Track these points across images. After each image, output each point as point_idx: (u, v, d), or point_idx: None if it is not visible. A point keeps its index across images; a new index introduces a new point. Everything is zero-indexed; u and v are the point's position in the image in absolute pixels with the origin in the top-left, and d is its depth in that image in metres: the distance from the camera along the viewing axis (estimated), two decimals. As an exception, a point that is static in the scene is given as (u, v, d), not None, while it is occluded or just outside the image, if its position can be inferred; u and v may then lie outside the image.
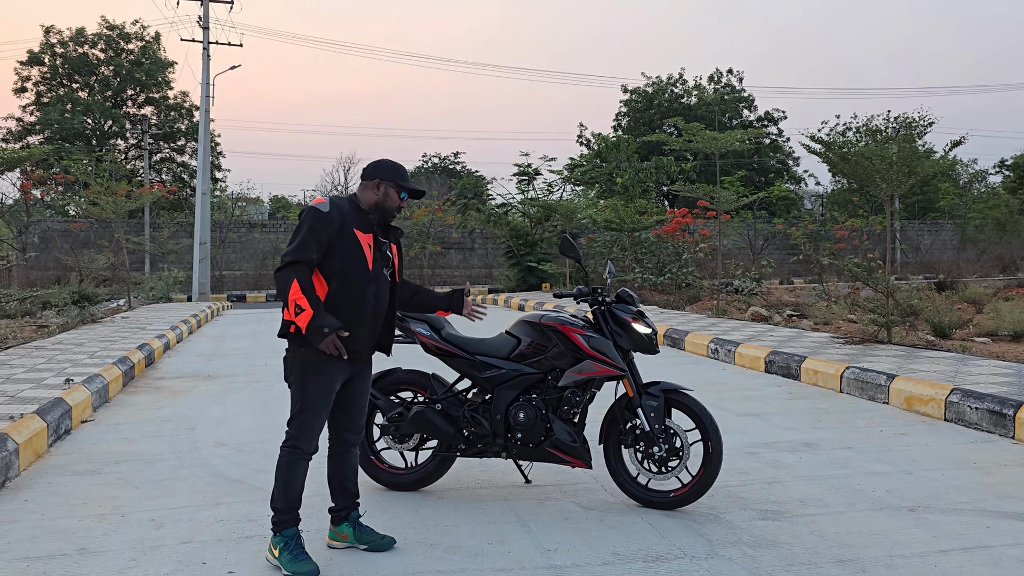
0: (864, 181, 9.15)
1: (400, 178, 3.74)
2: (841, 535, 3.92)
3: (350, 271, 3.56)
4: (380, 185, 3.72)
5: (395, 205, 3.74)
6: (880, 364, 7.86)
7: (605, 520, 4.14)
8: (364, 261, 3.59)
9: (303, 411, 3.60)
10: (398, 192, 3.74)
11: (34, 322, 12.73)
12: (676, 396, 4.33)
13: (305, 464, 3.63)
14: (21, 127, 38.33)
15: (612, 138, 30.79)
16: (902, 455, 5.41)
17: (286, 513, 3.57)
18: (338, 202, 3.63)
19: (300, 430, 3.60)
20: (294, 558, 3.47)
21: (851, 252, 25.79)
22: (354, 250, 3.57)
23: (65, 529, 4.04)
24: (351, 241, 3.57)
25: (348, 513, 3.81)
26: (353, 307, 3.58)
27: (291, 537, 3.53)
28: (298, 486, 3.60)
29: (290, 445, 3.61)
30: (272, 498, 3.61)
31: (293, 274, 3.44)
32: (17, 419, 5.47)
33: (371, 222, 3.68)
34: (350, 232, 3.57)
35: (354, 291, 3.57)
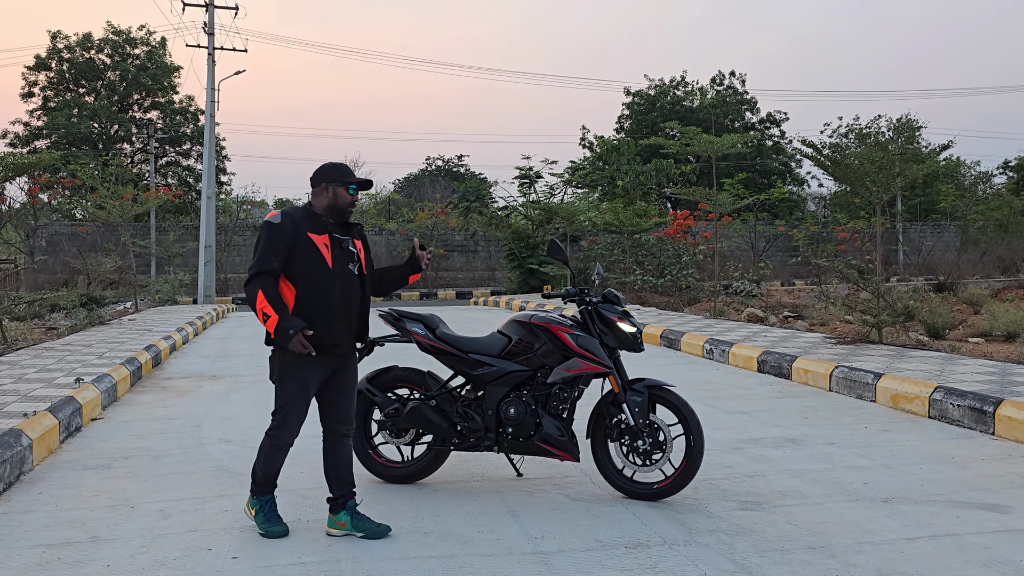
0: (854, 184, 9.33)
1: (344, 175, 4.00)
2: (815, 524, 4.11)
3: (312, 271, 3.86)
4: (328, 187, 3.98)
5: (347, 202, 3.99)
6: (869, 363, 8.05)
7: (591, 510, 4.33)
8: (323, 260, 3.88)
9: (283, 407, 3.98)
10: (346, 188, 3.98)
11: (43, 324, 12.97)
12: (660, 392, 4.53)
13: (284, 451, 4.05)
14: (28, 131, 38.67)
15: (613, 141, 30.98)
16: (883, 450, 5.60)
17: (263, 484, 4.05)
18: (290, 212, 3.94)
19: (281, 423, 3.99)
20: (267, 519, 3.98)
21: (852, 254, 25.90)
22: (311, 252, 3.87)
23: (78, 519, 4.26)
24: (307, 244, 3.86)
25: (345, 502, 4.04)
26: (322, 304, 3.88)
27: (266, 502, 4.03)
28: (276, 467, 4.06)
29: (272, 435, 4.02)
30: (253, 469, 4.07)
31: (258, 285, 3.80)
32: (31, 416, 5.69)
33: (324, 224, 3.94)
34: (304, 236, 3.86)
35: (319, 289, 3.87)
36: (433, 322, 4.87)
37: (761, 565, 3.59)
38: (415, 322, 4.86)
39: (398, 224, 31.57)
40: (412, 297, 27.36)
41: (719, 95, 45.43)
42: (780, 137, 45.50)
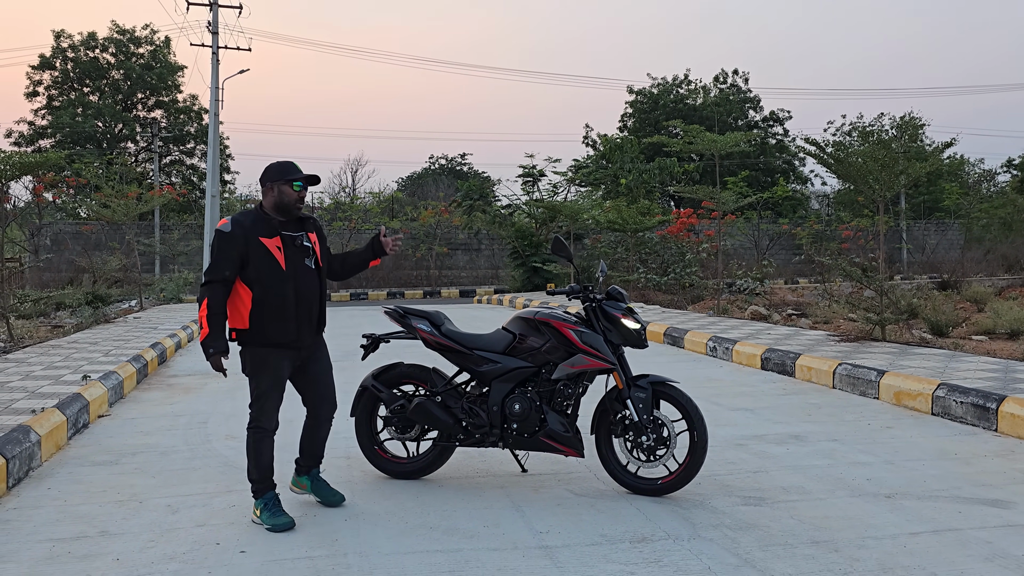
0: (857, 182, 9.35)
1: (287, 173, 4.10)
2: (818, 519, 4.14)
3: (265, 276, 4.02)
4: (273, 187, 4.10)
5: (292, 199, 4.10)
6: (872, 361, 8.07)
7: (595, 505, 4.37)
8: (276, 263, 4.04)
9: (259, 397, 4.15)
10: (290, 186, 4.08)
11: (48, 322, 13.04)
12: (663, 388, 4.56)
13: (270, 440, 4.18)
14: (33, 131, 38.79)
15: (617, 139, 30.98)
16: (886, 447, 5.62)
17: (261, 482, 4.14)
18: (240, 219, 4.07)
19: (259, 413, 4.15)
20: (272, 514, 4.05)
21: (856, 252, 25.90)
22: (263, 257, 4.02)
23: (87, 514, 4.30)
24: (258, 249, 4.01)
25: (309, 469, 4.43)
26: (278, 306, 4.05)
27: (269, 499, 4.11)
28: (267, 459, 4.16)
29: (253, 426, 4.16)
30: (248, 472, 4.17)
31: (205, 294, 4.01)
32: (39, 412, 5.74)
33: (274, 226, 4.08)
34: (255, 241, 4.01)
35: (274, 292, 4.04)
36: (438, 319, 4.90)
37: (764, 559, 3.62)
38: (420, 319, 4.90)
39: (401, 223, 31.61)
40: (416, 295, 27.40)
41: (722, 93, 45.40)
42: (783, 135, 45.47)
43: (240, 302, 4.06)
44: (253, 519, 4.13)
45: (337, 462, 5.28)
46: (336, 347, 10.99)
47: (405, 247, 30.40)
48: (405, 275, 30.56)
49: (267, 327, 4.04)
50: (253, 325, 4.03)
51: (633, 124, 44.87)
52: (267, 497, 4.10)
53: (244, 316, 4.05)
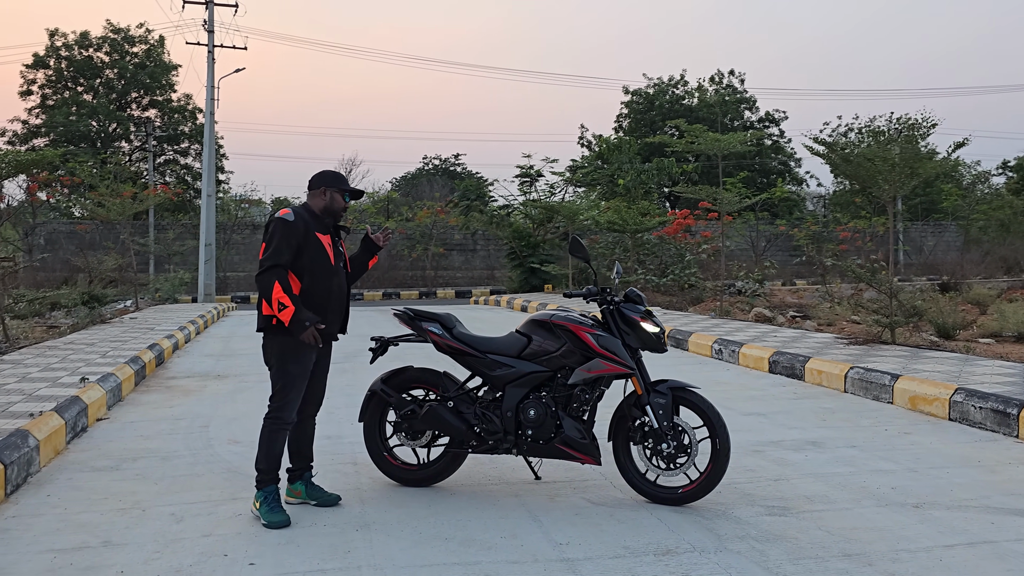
0: (867, 182, 9.23)
1: (341, 183, 4.36)
2: (847, 530, 4.00)
3: (317, 268, 4.21)
4: (326, 191, 4.32)
5: (340, 207, 4.35)
6: (884, 364, 7.94)
7: (615, 515, 4.22)
8: (327, 258, 4.25)
9: (285, 387, 4.19)
10: (342, 195, 4.33)
11: (44, 323, 12.84)
12: (684, 394, 4.42)
13: (285, 432, 4.24)
14: (27, 130, 38.47)
15: (614, 140, 30.86)
16: (907, 453, 5.49)
17: (268, 473, 4.16)
18: (299, 211, 4.26)
19: (282, 403, 4.20)
20: (271, 510, 4.08)
21: (854, 253, 25.85)
22: (318, 251, 4.22)
23: (88, 523, 4.14)
24: (315, 243, 4.21)
25: (302, 473, 4.42)
26: (322, 298, 4.23)
27: (271, 492, 4.13)
28: (279, 450, 4.20)
29: (273, 417, 4.20)
30: (256, 460, 4.19)
31: (274, 277, 4.08)
32: (36, 416, 5.57)
33: (327, 225, 4.32)
34: (313, 236, 4.21)
35: (322, 284, 4.23)
36: (450, 321, 4.76)
37: (796, 574, 3.48)
38: (431, 321, 4.75)
39: (397, 223, 31.45)
40: (412, 296, 27.23)
41: (718, 94, 45.34)
42: (779, 136, 45.43)
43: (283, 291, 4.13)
44: (252, 510, 4.18)
45: (344, 468, 5.13)
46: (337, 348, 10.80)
47: (401, 248, 30.23)
48: (401, 275, 30.40)
49: None
50: (295, 313, 4.07)
51: (629, 124, 44.78)
52: (269, 490, 4.13)
53: None
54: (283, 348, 4.18)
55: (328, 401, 7.31)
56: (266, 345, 4.24)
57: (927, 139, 8.82)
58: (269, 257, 4.10)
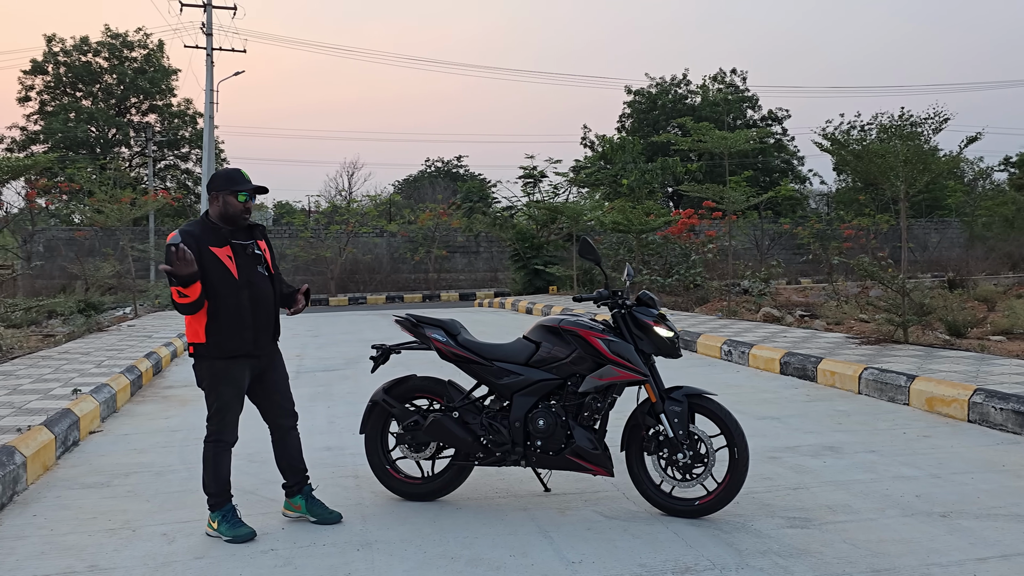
0: (878, 179, 9.02)
1: (232, 184, 4.00)
2: (874, 543, 3.80)
3: (219, 285, 3.94)
4: (218, 196, 4.02)
5: (238, 210, 4.02)
6: (899, 365, 7.74)
7: (629, 530, 4.02)
8: (228, 273, 3.96)
9: (220, 409, 4.04)
10: (235, 196, 4.00)
11: (40, 331, 12.65)
12: (700, 401, 4.22)
13: (228, 453, 4.09)
14: (25, 136, 38.36)
15: (617, 140, 30.65)
16: (928, 458, 5.29)
17: (219, 495, 4.03)
18: (188, 229, 3.95)
19: (220, 426, 4.05)
20: (232, 526, 3.95)
21: (859, 251, 25.59)
22: (215, 266, 3.94)
23: (75, 545, 3.94)
24: (210, 259, 3.93)
25: (300, 488, 4.23)
26: (232, 315, 3.96)
27: (227, 511, 4.01)
28: (225, 472, 4.07)
29: (214, 440, 4.05)
30: (204, 484, 4.06)
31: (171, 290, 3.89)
32: (25, 431, 5.37)
33: (223, 236, 4.00)
34: (207, 252, 3.93)
35: (228, 301, 3.95)
36: (454, 328, 4.56)
37: (824, 592, 3.28)
38: (435, 328, 4.55)
39: (399, 226, 31.25)
40: (415, 299, 27.03)
41: (720, 93, 45.12)
42: (782, 134, 45.19)
43: (195, 316, 3.96)
44: (208, 532, 4.02)
45: (345, 481, 4.93)
46: (338, 354, 10.70)
47: (404, 251, 30.01)
48: (404, 279, 30.21)
49: (224, 339, 3.96)
50: (210, 338, 3.95)
51: (632, 124, 44.54)
52: (225, 509, 4.01)
53: (200, 330, 3.97)
54: (213, 371, 4.00)
55: (330, 410, 7.18)
56: (195, 368, 4.08)
57: (939, 133, 8.59)
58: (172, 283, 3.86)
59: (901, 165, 8.45)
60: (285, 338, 4.91)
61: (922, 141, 8.52)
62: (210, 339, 3.94)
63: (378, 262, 30.04)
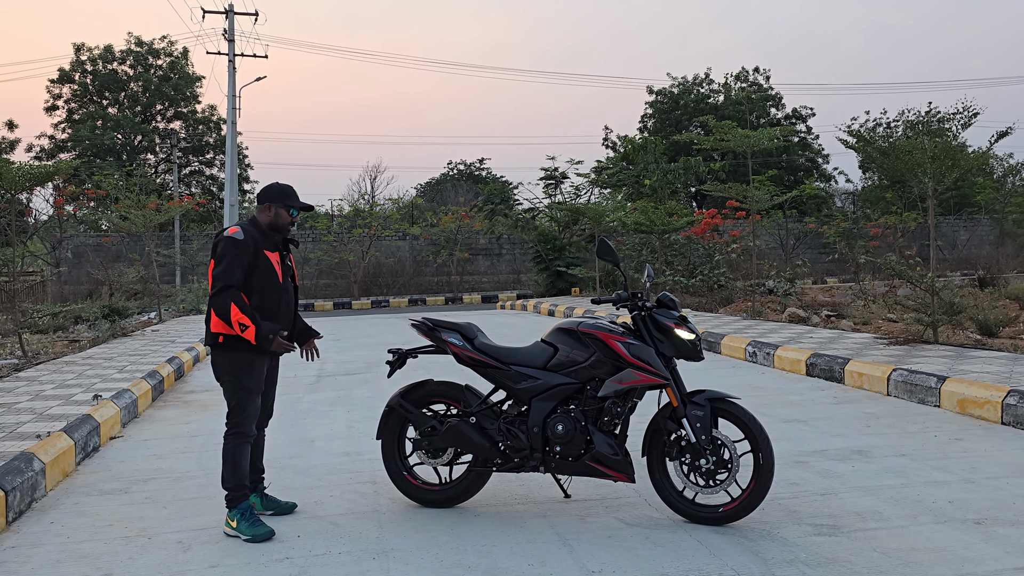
0: (905, 176, 8.82)
1: (286, 199, 4.27)
2: (905, 551, 3.67)
3: (266, 287, 4.17)
4: (270, 208, 4.26)
5: (286, 222, 4.28)
6: (929, 365, 7.55)
7: (651, 537, 3.92)
8: (275, 276, 4.22)
9: (241, 402, 4.16)
10: (287, 211, 4.26)
11: (66, 337, 12.76)
12: (723, 405, 4.11)
13: (248, 446, 4.20)
14: (53, 144, 38.88)
15: (639, 140, 30.47)
16: (961, 462, 5.13)
17: (238, 490, 4.11)
18: (248, 228, 4.20)
19: (242, 419, 4.17)
20: (251, 524, 4.01)
21: (886, 250, 25.21)
22: (267, 269, 4.19)
23: (90, 553, 3.91)
24: (264, 262, 4.17)
25: (255, 486, 4.37)
26: (272, 315, 4.19)
27: (246, 509, 4.08)
28: (244, 466, 4.17)
29: (234, 433, 4.17)
30: (224, 479, 4.14)
31: (229, 299, 4.03)
32: (44, 437, 5.37)
33: (276, 242, 4.28)
34: (262, 254, 4.17)
35: (271, 302, 4.19)
36: (471, 331, 4.48)
37: (854, 604, 3.16)
38: (451, 332, 4.48)
39: (422, 229, 31.26)
40: (438, 302, 27.03)
41: (743, 92, 44.73)
42: (807, 133, 44.70)
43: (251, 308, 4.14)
44: (226, 531, 4.06)
45: (363, 487, 4.87)
46: (359, 357, 10.68)
47: (426, 254, 30.03)
48: (426, 282, 30.21)
49: None
50: (258, 330, 4.07)
51: (653, 125, 44.30)
52: (243, 507, 4.09)
53: None
54: (235, 363, 4.14)
55: (349, 414, 7.14)
56: (216, 361, 4.21)
57: (967, 128, 8.39)
58: (220, 277, 4.06)
59: (929, 161, 8.25)
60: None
61: (950, 137, 8.31)
62: None
63: (401, 265, 30.07)
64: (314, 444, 6.02)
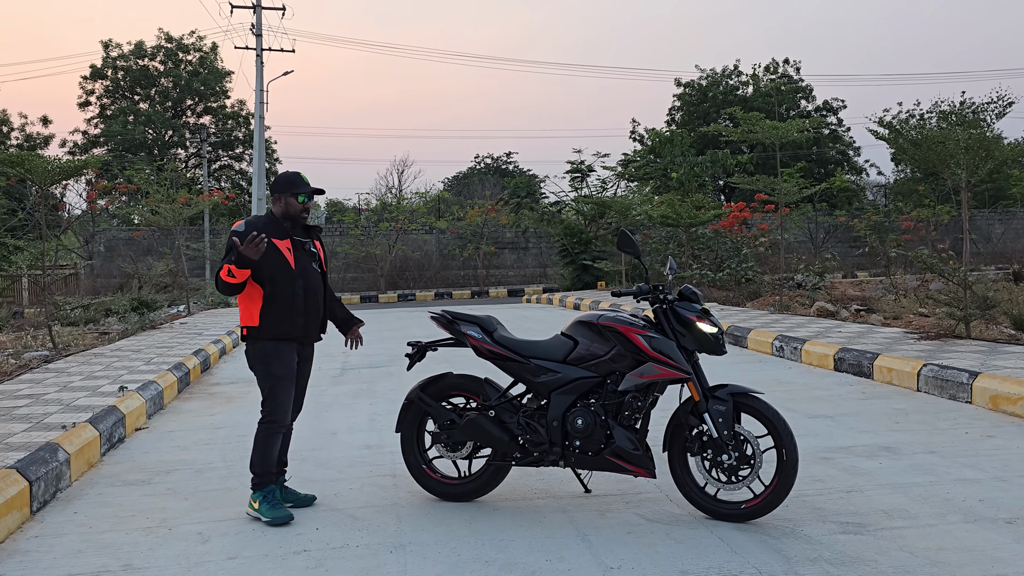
0: (937, 167, 8.64)
1: (293, 187, 4.32)
2: (933, 551, 3.58)
3: (276, 272, 4.23)
4: (280, 198, 4.36)
5: (297, 210, 4.35)
6: (960, 361, 7.40)
7: (671, 534, 3.86)
8: (286, 263, 4.26)
9: (273, 389, 4.25)
10: (295, 198, 4.32)
11: (96, 329, 12.94)
12: (746, 400, 4.04)
13: (280, 435, 4.29)
14: (86, 140, 39.46)
15: (666, 133, 30.22)
16: (992, 460, 5.01)
17: (263, 476, 4.22)
18: (253, 221, 4.31)
19: (276, 406, 4.25)
20: (271, 507, 4.13)
21: (918, 243, 24.81)
22: (275, 255, 4.22)
23: (112, 543, 3.94)
24: (271, 249, 4.21)
25: (278, 477, 4.39)
26: (287, 301, 4.24)
27: (269, 492, 4.19)
28: (274, 453, 4.27)
29: (268, 421, 4.25)
30: (252, 463, 4.25)
31: (218, 271, 4.15)
32: (70, 428, 5.43)
33: (285, 229, 4.33)
34: (269, 243, 4.19)
35: (284, 288, 4.24)
36: (490, 324, 4.45)
37: (878, 604, 3.09)
38: (470, 324, 4.45)
39: (448, 223, 31.30)
40: (464, 295, 27.06)
41: (773, 83, 44.16)
42: (838, 125, 44.04)
43: (251, 300, 4.25)
44: (248, 512, 4.20)
45: (383, 480, 4.86)
46: (383, 351, 10.70)
47: (452, 247, 30.06)
48: (452, 275, 30.26)
49: (277, 321, 4.23)
50: (264, 321, 4.23)
51: (682, 117, 43.90)
52: (267, 491, 4.18)
53: (255, 314, 4.24)
54: (264, 351, 4.24)
55: (371, 407, 7.14)
56: (248, 351, 4.34)
57: (1002, 118, 8.19)
58: (221, 262, 4.17)
59: (962, 152, 8.07)
60: (333, 335, 4.89)
61: (984, 127, 8.12)
62: (263, 321, 4.22)
63: (427, 259, 30.14)
64: (336, 436, 6.03)
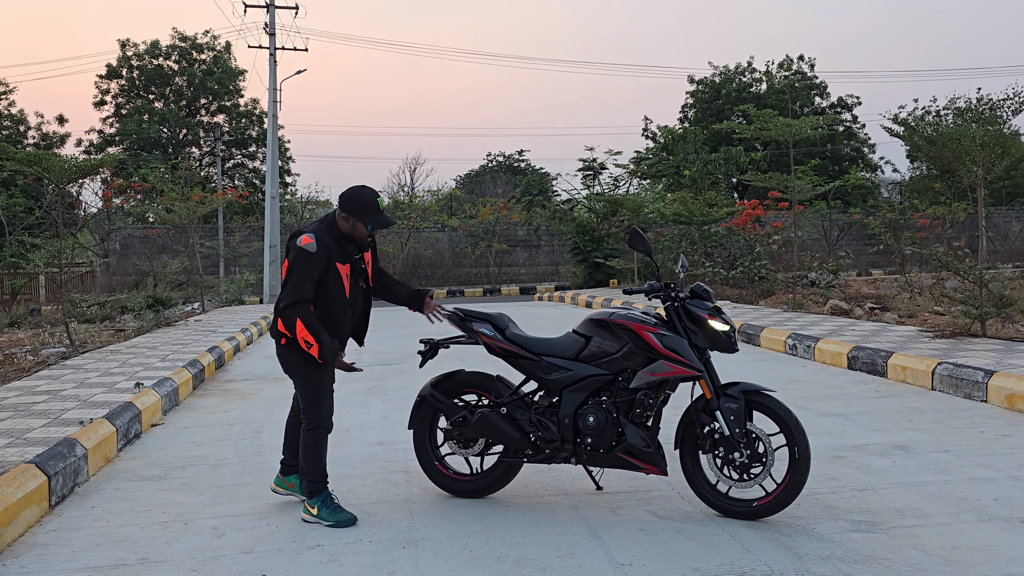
0: (953, 164, 8.59)
1: (366, 215, 4.12)
2: (946, 550, 3.57)
3: (332, 300, 4.12)
4: (348, 219, 4.15)
5: (363, 236, 4.19)
6: (976, 359, 7.36)
7: (683, 531, 3.87)
8: (343, 290, 4.14)
9: (317, 394, 4.19)
10: (365, 226, 4.15)
11: (112, 326, 13.05)
12: (757, 398, 4.03)
13: (326, 438, 4.23)
14: (102, 138, 39.74)
15: (679, 130, 30.15)
16: (1007, 459, 4.98)
17: (318, 481, 4.16)
18: (322, 239, 4.06)
19: (319, 411, 4.19)
20: (333, 511, 4.09)
21: (934, 241, 24.65)
22: (335, 283, 4.11)
23: (128, 537, 3.99)
24: (334, 276, 4.09)
25: (297, 469, 4.36)
26: (336, 326, 4.17)
27: (326, 497, 4.14)
28: (324, 457, 4.22)
29: (314, 427, 4.18)
30: (305, 471, 4.17)
31: (296, 314, 4.01)
32: (87, 424, 5.49)
33: (350, 253, 4.17)
34: (333, 267, 4.09)
35: (336, 316, 4.16)
36: (502, 322, 4.46)
37: (890, 602, 3.08)
38: (482, 322, 4.47)
39: (460, 220, 31.35)
40: (475, 293, 27.10)
41: (787, 80, 43.93)
42: (852, 122, 43.76)
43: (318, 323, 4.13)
44: (305, 518, 4.13)
45: (395, 477, 4.89)
46: (395, 348, 10.74)
47: (464, 245, 30.10)
48: (464, 273, 30.31)
49: None
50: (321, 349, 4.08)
51: (695, 115, 43.73)
52: (324, 495, 4.14)
53: None
54: (306, 358, 4.13)
55: (384, 404, 7.18)
56: (286, 355, 4.21)
57: (1019, 115, 8.13)
58: (291, 292, 4.02)
59: (978, 149, 8.01)
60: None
61: (1000, 124, 8.06)
62: None
63: (439, 256, 30.20)
64: (349, 433, 6.07)
